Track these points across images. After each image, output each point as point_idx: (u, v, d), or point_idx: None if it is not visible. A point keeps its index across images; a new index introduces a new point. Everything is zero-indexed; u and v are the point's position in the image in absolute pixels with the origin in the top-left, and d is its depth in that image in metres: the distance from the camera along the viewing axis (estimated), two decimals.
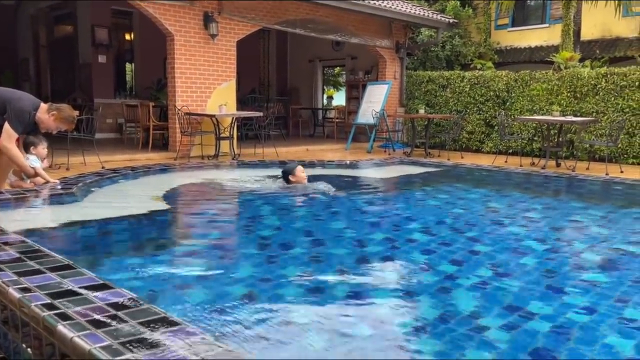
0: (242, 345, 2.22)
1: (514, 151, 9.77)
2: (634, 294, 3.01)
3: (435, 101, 11.23)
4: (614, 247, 3.94)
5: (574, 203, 5.72)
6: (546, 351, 2.29)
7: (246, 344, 2.18)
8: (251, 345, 2.21)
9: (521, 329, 2.53)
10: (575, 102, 9.28)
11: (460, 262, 3.58)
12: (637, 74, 8.63)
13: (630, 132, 8.68)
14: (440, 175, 7.48)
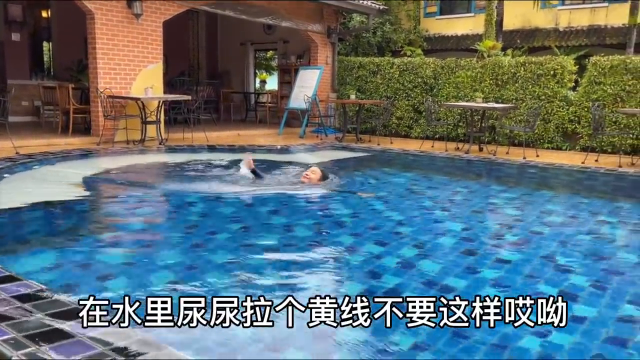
0: (164, 335, 2.17)
1: (441, 136, 10.10)
2: (544, 269, 3.21)
3: (366, 87, 11.37)
4: (527, 227, 4.18)
5: (493, 186, 6.00)
6: (462, 329, 2.39)
7: (170, 335, 2.12)
8: (174, 336, 2.16)
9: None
10: (497, 89, 9.70)
11: (386, 243, 3.67)
12: (552, 64, 9.14)
13: (546, 118, 9.20)
14: (369, 160, 7.61)
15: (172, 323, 1.95)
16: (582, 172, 6.81)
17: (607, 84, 8.59)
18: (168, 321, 1.94)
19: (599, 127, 7.93)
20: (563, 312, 2.05)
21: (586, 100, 8.75)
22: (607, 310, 2.61)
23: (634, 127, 8.38)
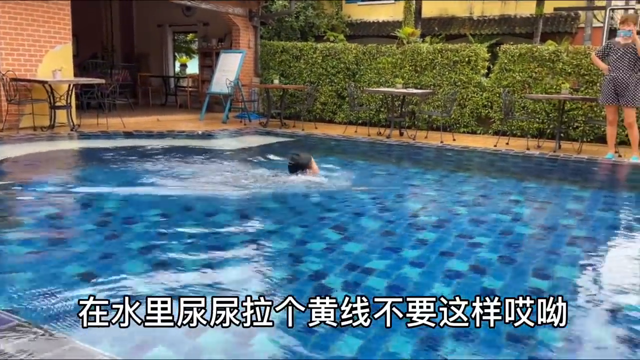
0: (78, 332, 2.05)
1: (364, 121, 10.28)
2: (458, 246, 3.37)
3: (290, 72, 11.32)
4: (443, 207, 4.36)
5: (412, 169, 6.19)
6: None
7: (84, 331, 2.01)
8: (90, 332, 2.05)
9: (362, 285, 2.69)
10: (416, 76, 9.99)
11: (308, 226, 3.69)
12: (467, 51, 9.53)
13: (462, 103, 9.61)
14: (292, 146, 7.60)
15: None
16: (494, 154, 7.20)
17: (516, 71, 9.09)
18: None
19: (509, 112, 8.39)
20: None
21: (498, 87, 9.22)
22: (514, 283, 2.78)
23: (539, 112, 8.95)
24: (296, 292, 2.60)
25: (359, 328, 2.09)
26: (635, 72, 6.61)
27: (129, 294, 2.48)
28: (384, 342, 2.11)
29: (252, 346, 2.08)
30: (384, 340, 2.12)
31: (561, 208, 4.44)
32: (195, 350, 2.03)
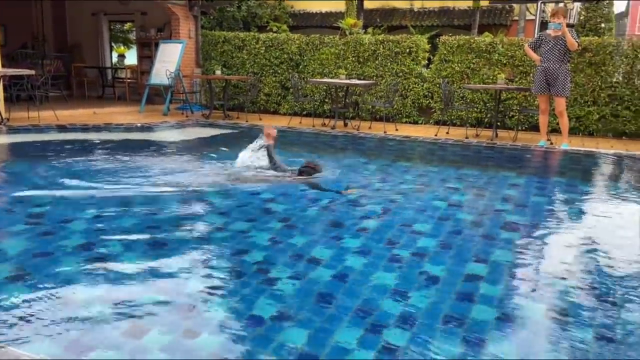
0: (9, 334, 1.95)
1: (308, 112, 10.27)
2: (401, 234, 3.43)
3: (232, 62, 11.14)
4: (386, 196, 4.43)
5: (356, 158, 6.24)
6: (328, 296, 2.47)
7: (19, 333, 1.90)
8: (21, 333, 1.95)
9: (307, 277, 2.69)
10: (359, 66, 10.07)
11: (253, 219, 3.66)
12: (408, 42, 9.69)
13: (404, 94, 9.77)
14: (235, 137, 7.50)
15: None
16: (434, 143, 7.38)
17: (455, 62, 9.34)
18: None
19: (449, 102, 8.62)
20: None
21: (437, 77, 9.44)
22: (454, 268, 2.86)
23: (477, 102, 9.24)
24: (243, 285, 2.58)
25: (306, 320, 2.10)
26: (565, 62, 6.94)
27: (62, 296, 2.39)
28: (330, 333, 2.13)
29: (196, 344, 2.05)
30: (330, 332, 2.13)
31: (498, 194, 4.61)
32: (138, 350, 1.97)
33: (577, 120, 8.58)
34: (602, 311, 2.38)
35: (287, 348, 2.00)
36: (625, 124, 8.41)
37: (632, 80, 8.35)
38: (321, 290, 2.53)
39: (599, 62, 8.43)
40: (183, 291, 2.50)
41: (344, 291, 2.53)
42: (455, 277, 2.73)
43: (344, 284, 2.61)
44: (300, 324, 2.19)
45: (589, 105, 8.54)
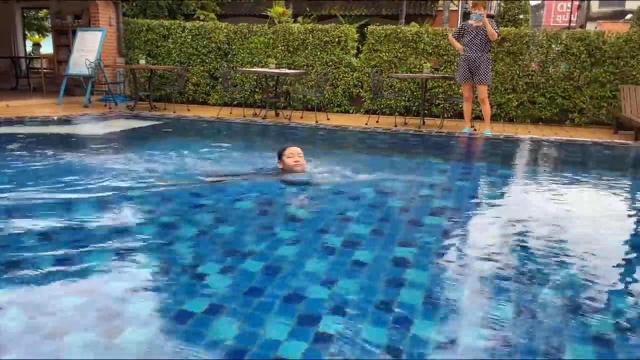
0: None
1: (239, 103, 10.12)
2: (331, 224, 3.45)
3: (158, 51, 10.74)
4: (316, 186, 4.44)
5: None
6: (258, 290, 2.43)
7: None
8: None
9: (238, 269, 2.64)
10: (289, 56, 10.01)
11: (180, 213, 3.55)
12: (337, 31, 9.74)
13: (334, 83, 9.83)
14: (161, 129, 7.26)
15: None
16: (364, 132, 7.48)
17: (383, 52, 9.49)
18: None
19: (378, 91, 8.76)
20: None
21: (367, 66, 9.57)
22: (384, 254, 2.91)
23: (405, 91, 9.46)
24: (171, 280, 2.49)
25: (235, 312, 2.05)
26: (486, 52, 7.22)
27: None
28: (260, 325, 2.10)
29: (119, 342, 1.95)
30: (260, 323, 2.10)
31: (424, 180, 4.74)
32: (57, 351, 1.86)
33: (499, 107, 8.99)
34: (521, 288, 2.50)
35: (217, 342, 1.95)
36: (541, 110, 8.90)
37: (546, 68, 8.84)
38: (252, 283, 2.49)
39: (516, 51, 8.86)
40: (105, 290, 2.38)
41: (274, 282, 2.51)
42: (382, 264, 2.77)
43: (275, 275, 2.59)
44: (231, 317, 2.15)
45: (508, 92, 8.97)
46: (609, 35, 8.64)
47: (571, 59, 8.68)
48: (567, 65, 8.74)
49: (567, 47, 8.69)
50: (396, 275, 2.61)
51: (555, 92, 8.78)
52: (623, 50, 8.41)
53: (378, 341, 1.99)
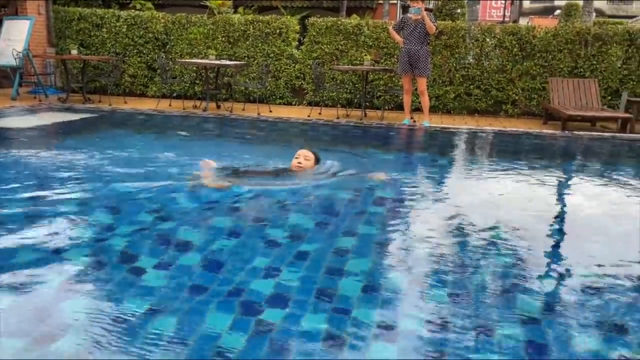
0: None
1: (178, 95, 9.87)
2: (274, 217, 3.43)
3: (91, 41, 10.29)
4: (257, 179, 4.40)
5: (227, 142, 6.13)
6: (200, 287, 2.39)
7: None
8: None
9: (177, 265, 2.59)
10: (229, 47, 9.85)
11: (118, 209, 3.43)
12: (278, 23, 9.67)
13: (276, 75, 9.77)
14: (94, 122, 6.98)
15: None
16: (306, 124, 7.49)
17: (325, 44, 9.52)
18: None
19: (320, 83, 8.78)
20: None
21: (308, 58, 9.57)
22: (325, 245, 2.93)
23: (347, 83, 9.53)
24: (107, 277, 2.41)
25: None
26: (425, 44, 7.38)
27: None
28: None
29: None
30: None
31: (366, 170, 4.80)
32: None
33: (437, 99, 9.23)
34: (457, 273, 2.59)
35: (156, 338, 1.91)
36: (477, 102, 9.22)
37: (481, 61, 9.15)
38: (192, 277, 2.44)
39: (453, 44, 9.12)
40: (34, 292, 2.27)
41: (215, 276, 2.47)
42: (324, 254, 2.79)
43: (216, 268, 2.56)
44: (170, 313, 2.10)
45: (446, 85, 9.23)
46: (538, 30, 9.05)
47: (504, 53, 9.03)
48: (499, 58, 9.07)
49: (500, 41, 9.03)
50: (337, 265, 2.64)
51: (489, 84, 9.11)
52: (551, 45, 8.83)
53: (318, 329, 2.01)
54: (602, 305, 2.31)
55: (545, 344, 1.98)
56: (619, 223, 3.58)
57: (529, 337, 2.02)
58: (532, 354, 1.92)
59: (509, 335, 2.01)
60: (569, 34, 8.79)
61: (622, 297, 2.38)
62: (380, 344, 1.95)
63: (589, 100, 8.20)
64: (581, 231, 3.49)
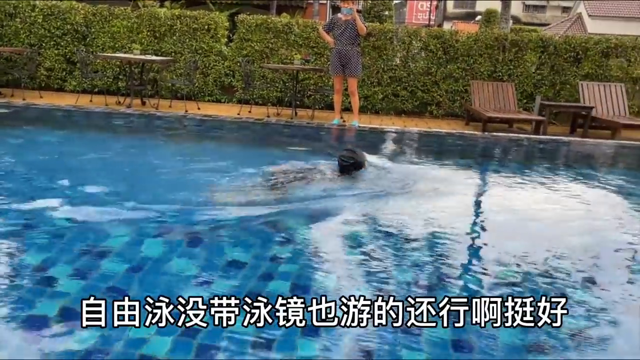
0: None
1: (100, 90, 9.42)
2: (201, 213, 3.35)
3: (3, 32, 9.59)
4: (186, 179, 4.31)
5: (149, 140, 5.93)
6: (119, 291, 2.29)
7: None
8: None
9: (96, 272, 2.47)
10: (155, 42, 9.52)
11: (31, 211, 3.23)
12: (206, 18, 9.46)
13: (205, 72, 9.56)
14: (5, 117, 6.53)
15: None
16: (234, 122, 7.37)
17: (254, 41, 9.43)
18: None
19: (250, 81, 8.69)
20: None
21: (238, 56, 9.44)
22: (263, 248, 2.89)
23: (277, 81, 9.50)
24: (15, 287, 2.25)
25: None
26: (356, 45, 7.47)
27: None
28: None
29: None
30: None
31: (289, 171, 4.78)
32: None
33: (366, 99, 9.40)
34: (381, 266, 2.65)
35: (74, 351, 1.81)
36: (403, 103, 9.48)
37: (407, 63, 9.43)
38: (114, 284, 2.34)
39: (381, 46, 9.32)
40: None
41: (139, 282, 2.38)
42: (258, 247, 2.77)
43: (139, 275, 2.46)
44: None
45: (374, 85, 9.42)
46: (461, 34, 9.45)
47: (429, 56, 9.34)
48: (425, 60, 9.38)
49: (425, 44, 9.34)
50: (270, 272, 2.61)
51: (415, 86, 9.40)
52: (472, 49, 9.25)
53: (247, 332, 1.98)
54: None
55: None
56: (530, 217, 3.81)
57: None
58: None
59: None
60: (488, 39, 9.24)
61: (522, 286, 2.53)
62: None
63: (506, 102, 8.67)
64: (494, 227, 3.68)
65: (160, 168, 4.66)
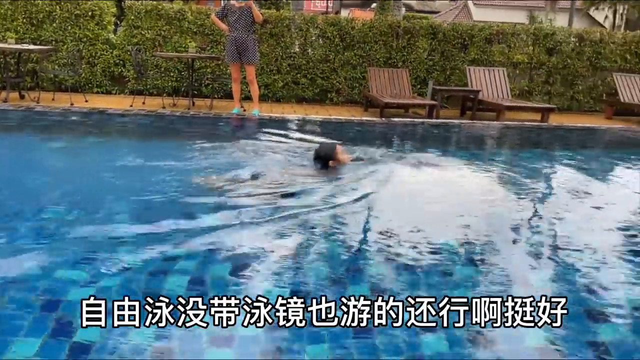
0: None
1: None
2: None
3: None
4: (78, 175, 3.99)
5: (27, 138, 5.44)
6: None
7: None
8: None
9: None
10: (33, 30, 8.72)
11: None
12: (90, 4, 8.80)
13: (91, 62, 8.93)
14: None
15: None
16: (125, 115, 6.90)
17: (145, 29, 8.95)
18: None
19: (142, 70, 8.24)
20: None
21: (128, 44, 8.91)
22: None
23: (172, 70, 9.10)
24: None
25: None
26: (252, 32, 7.31)
27: None
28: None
29: None
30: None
31: (187, 163, 4.60)
32: None
33: (266, 87, 9.29)
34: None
35: None
36: (304, 91, 9.50)
37: (306, 51, 9.43)
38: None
39: (278, 33, 9.24)
40: None
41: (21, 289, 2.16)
42: (152, 261, 2.61)
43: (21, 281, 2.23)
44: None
45: (274, 73, 9.33)
46: (357, 22, 9.60)
47: (327, 43, 9.41)
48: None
49: (323, 31, 9.38)
50: (162, 267, 2.48)
51: (315, 73, 9.43)
52: (368, 36, 9.44)
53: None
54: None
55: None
56: (425, 198, 3.96)
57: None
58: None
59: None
60: (383, 26, 9.48)
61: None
62: None
63: (402, 88, 8.96)
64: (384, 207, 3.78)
65: (34, 171, 4.28)
